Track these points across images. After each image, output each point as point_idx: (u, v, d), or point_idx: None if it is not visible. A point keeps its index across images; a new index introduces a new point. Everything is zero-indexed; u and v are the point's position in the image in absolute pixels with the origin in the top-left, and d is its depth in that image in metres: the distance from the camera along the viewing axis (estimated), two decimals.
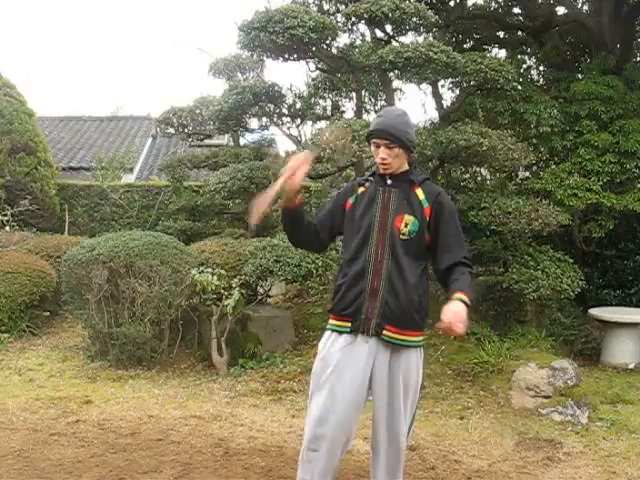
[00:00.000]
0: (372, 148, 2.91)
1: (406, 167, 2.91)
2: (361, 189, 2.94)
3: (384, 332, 2.79)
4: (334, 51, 7.17)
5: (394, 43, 6.94)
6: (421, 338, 2.87)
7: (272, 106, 7.95)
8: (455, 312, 2.59)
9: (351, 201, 2.93)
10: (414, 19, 6.58)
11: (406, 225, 2.80)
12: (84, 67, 47.00)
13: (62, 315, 7.54)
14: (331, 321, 2.93)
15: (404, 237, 2.80)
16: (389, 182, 2.88)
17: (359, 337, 2.81)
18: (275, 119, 8.24)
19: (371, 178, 2.96)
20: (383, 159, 2.84)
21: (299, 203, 2.90)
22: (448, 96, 9.05)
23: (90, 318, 6.02)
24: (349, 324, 2.84)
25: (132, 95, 44.12)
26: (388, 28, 6.97)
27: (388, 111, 3.09)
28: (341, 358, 2.82)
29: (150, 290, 5.90)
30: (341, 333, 2.86)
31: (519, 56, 9.45)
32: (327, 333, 2.93)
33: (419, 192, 2.86)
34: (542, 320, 6.94)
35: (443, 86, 8.55)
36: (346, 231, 2.94)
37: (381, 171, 2.90)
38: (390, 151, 2.83)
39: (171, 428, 4.60)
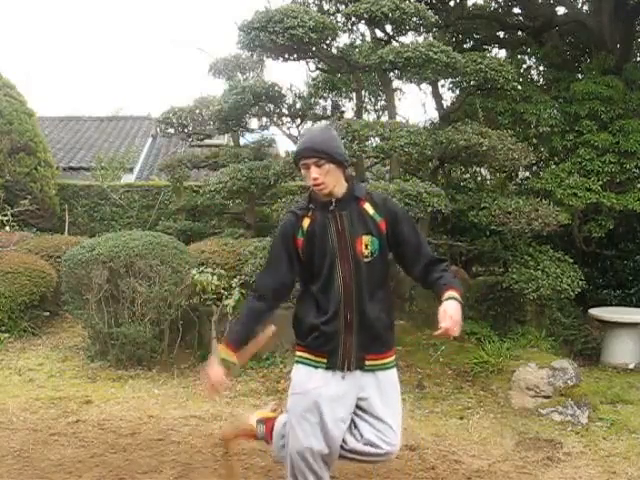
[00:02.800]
0: (303, 172, 2.74)
1: (344, 184, 2.74)
2: (306, 221, 2.74)
3: (366, 362, 2.73)
4: (334, 51, 7.17)
5: (394, 43, 6.94)
6: (393, 357, 2.83)
7: (272, 106, 7.95)
8: (451, 316, 2.54)
9: (300, 238, 2.74)
10: (414, 19, 6.58)
11: (367, 247, 2.70)
12: (84, 67, 47.06)
13: (62, 315, 7.54)
14: (304, 354, 2.79)
15: (367, 259, 2.70)
16: (335, 206, 2.71)
17: (338, 373, 2.72)
18: (275, 119, 8.24)
19: (311, 206, 2.76)
20: (315, 179, 2.65)
21: (238, 357, 2.78)
22: (448, 96, 9.06)
23: (90, 318, 6.02)
24: (325, 360, 2.73)
25: (132, 95, 44.14)
26: (388, 28, 6.97)
27: (310, 129, 3.04)
28: (326, 396, 2.70)
29: (150, 290, 5.90)
30: (317, 368, 2.75)
31: (519, 56, 9.45)
32: (300, 367, 2.80)
33: (367, 207, 2.74)
34: (542, 320, 6.94)
35: (443, 86, 8.56)
36: (305, 271, 2.77)
37: (319, 195, 2.72)
38: (320, 169, 2.65)
39: (171, 428, 4.60)
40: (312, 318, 2.74)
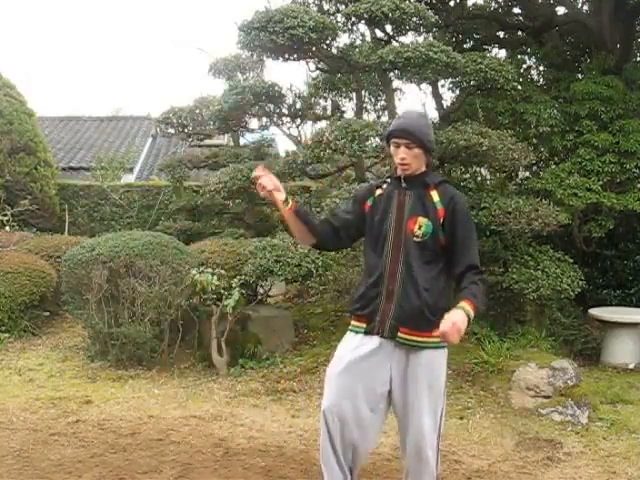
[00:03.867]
0: (392, 148, 2.92)
1: (423, 169, 2.93)
2: (378, 191, 2.98)
3: (399, 334, 2.81)
4: (334, 51, 7.17)
5: (394, 43, 6.94)
6: (436, 340, 2.80)
7: (272, 106, 7.94)
8: (453, 322, 2.57)
9: (369, 203, 2.97)
10: (414, 19, 6.58)
11: (420, 227, 2.82)
12: (84, 67, 47.04)
13: (62, 315, 7.54)
14: (351, 322, 2.98)
15: (418, 239, 2.81)
16: (404, 185, 2.90)
17: (375, 339, 2.84)
18: (275, 119, 8.24)
19: (388, 180, 3.00)
20: (402, 159, 2.85)
21: (291, 210, 2.92)
22: (448, 96, 9.06)
23: (90, 318, 6.02)
24: (364, 325, 2.88)
25: (132, 95, 44.14)
26: (388, 28, 6.97)
27: (408, 112, 3.13)
28: (358, 357, 2.85)
29: (150, 290, 5.90)
30: (357, 333, 2.91)
31: (519, 56, 9.45)
32: (346, 334, 2.98)
33: (434, 194, 2.87)
34: (542, 320, 6.93)
35: (443, 86, 8.56)
36: (367, 235, 2.97)
37: (399, 172, 2.91)
38: (410, 151, 2.84)
39: (171, 428, 4.60)
40: (362, 285, 2.93)
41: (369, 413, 2.86)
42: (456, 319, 2.58)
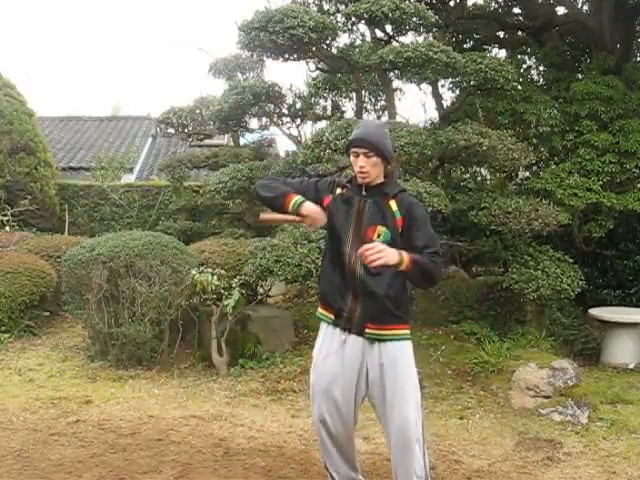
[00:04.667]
0: (351, 158, 3.02)
1: (381, 179, 3.02)
2: (338, 190, 3.06)
3: (366, 330, 2.96)
4: (334, 51, 7.18)
5: (394, 43, 6.95)
6: (405, 331, 3.00)
7: (272, 106, 7.95)
8: (375, 246, 2.73)
9: (330, 198, 3.05)
10: (414, 19, 6.59)
11: (378, 236, 2.92)
12: (84, 67, 47.01)
13: (62, 315, 7.54)
14: (319, 309, 3.13)
15: None
16: (364, 193, 3.00)
17: (344, 335, 3.00)
18: (275, 119, 8.24)
19: (348, 185, 3.06)
20: (361, 167, 2.95)
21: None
22: (448, 96, 9.07)
23: (90, 318, 6.02)
24: (332, 316, 3.04)
25: (132, 95, 44.12)
26: (388, 28, 6.97)
27: (367, 122, 3.29)
28: (332, 365, 3.02)
29: (150, 290, 5.90)
30: (328, 324, 3.07)
31: (519, 56, 9.46)
32: (321, 326, 3.13)
33: (392, 204, 2.97)
34: (542, 320, 6.93)
35: (443, 86, 8.56)
36: (327, 230, 3.09)
37: (359, 181, 3.00)
38: (368, 160, 2.94)
39: (171, 428, 4.60)
40: (326, 277, 3.08)
41: (351, 408, 3.04)
42: (382, 246, 2.75)
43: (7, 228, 8.61)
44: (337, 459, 3.12)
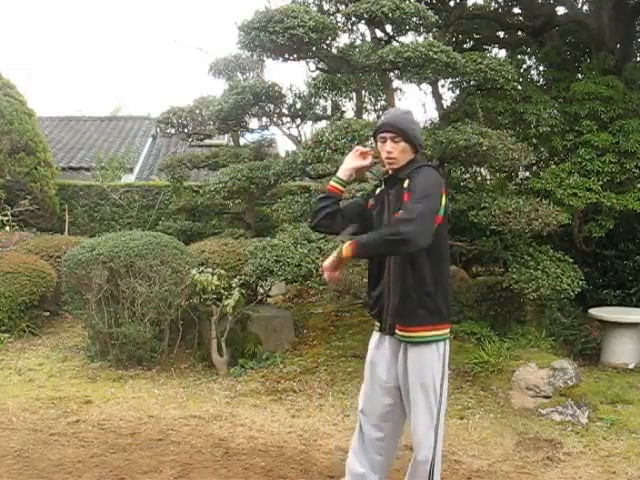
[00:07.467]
0: (379, 145, 2.99)
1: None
2: (377, 191, 3.08)
3: (396, 331, 2.92)
4: (334, 51, 7.17)
5: (394, 43, 6.94)
6: (433, 333, 2.86)
7: (272, 106, 7.95)
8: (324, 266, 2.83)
9: (372, 202, 3.07)
10: (414, 19, 6.58)
11: None
12: (84, 67, 46.96)
13: (62, 315, 7.55)
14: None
15: None
16: (384, 186, 3.02)
17: (385, 337, 3.00)
18: (275, 119, 8.24)
19: (383, 178, 3.08)
20: (389, 152, 2.91)
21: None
22: (448, 96, 9.07)
23: (90, 318, 6.02)
24: (378, 324, 3.04)
25: (132, 95, 44.11)
26: (388, 28, 6.96)
27: (394, 109, 3.29)
28: (373, 356, 3.05)
29: (150, 290, 5.90)
30: (376, 332, 3.07)
31: (519, 56, 9.46)
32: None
33: (405, 184, 2.89)
34: (542, 320, 6.93)
35: (443, 86, 8.56)
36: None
37: (387, 167, 2.97)
38: (396, 145, 2.90)
39: (171, 428, 4.60)
40: (368, 286, 3.08)
41: (389, 408, 3.02)
42: (327, 264, 2.82)
43: (7, 228, 8.61)
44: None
